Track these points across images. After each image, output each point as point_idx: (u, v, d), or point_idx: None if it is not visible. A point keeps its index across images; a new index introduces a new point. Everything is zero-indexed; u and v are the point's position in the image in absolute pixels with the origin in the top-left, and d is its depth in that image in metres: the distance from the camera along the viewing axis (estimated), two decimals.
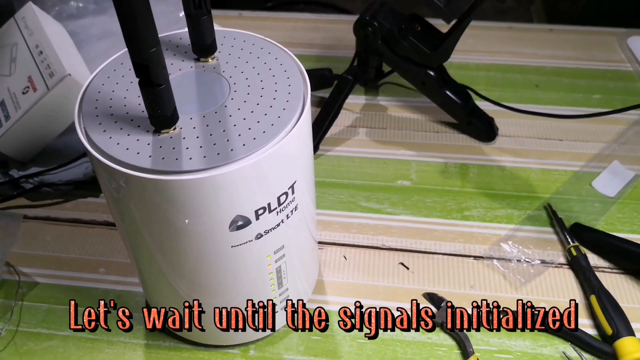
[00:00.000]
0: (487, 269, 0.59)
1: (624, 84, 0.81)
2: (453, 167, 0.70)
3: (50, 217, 0.65)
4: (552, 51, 0.86)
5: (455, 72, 0.75)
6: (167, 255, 0.44)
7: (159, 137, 0.39)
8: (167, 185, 0.37)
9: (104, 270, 0.60)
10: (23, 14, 0.71)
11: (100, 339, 0.54)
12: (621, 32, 0.88)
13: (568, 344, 0.53)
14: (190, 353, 0.53)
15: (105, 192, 0.43)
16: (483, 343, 0.54)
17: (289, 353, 0.53)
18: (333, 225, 0.64)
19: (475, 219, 0.64)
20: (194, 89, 0.43)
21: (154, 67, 0.35)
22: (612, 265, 0.59)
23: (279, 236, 0.44)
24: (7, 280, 0.59)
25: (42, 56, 0.65)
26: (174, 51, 0.46)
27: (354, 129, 0.75)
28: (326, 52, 0.87)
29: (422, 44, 0.67)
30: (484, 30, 0.90)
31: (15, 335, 0.55)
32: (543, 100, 0.78)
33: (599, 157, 0.70)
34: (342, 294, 0.58)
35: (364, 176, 0.69)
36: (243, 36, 0.47)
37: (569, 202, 0.65)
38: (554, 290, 0.57)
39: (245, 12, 0.96)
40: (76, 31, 0.77)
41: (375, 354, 0.53)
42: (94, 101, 0.42)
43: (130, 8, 0.33)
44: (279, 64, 0.44)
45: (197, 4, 0.42)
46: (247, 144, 0.38)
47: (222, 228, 0.41)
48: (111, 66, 0.44)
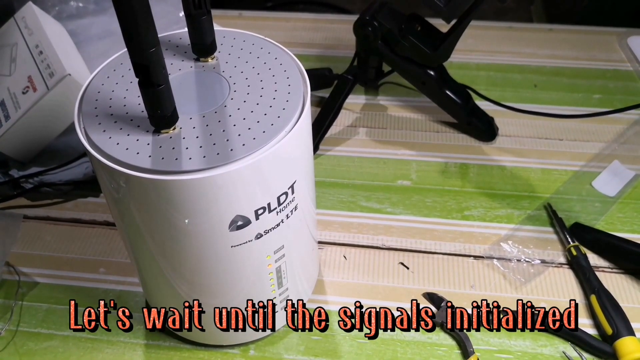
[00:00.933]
0: (487, 268, 0.59)
1: (623, 84, 0.81)
2: (453, 167, 0.70)
3: (50, 217, 0.65)
4: (552, 51, 0.86)
5: (455, 72, 0.75)
6: (167, 255, 0.44)
7: (158, 137, 0.39)
8: (166, 185, 0.37)
9: (104, 270, 0.60)
10: (23, 14, 0.71)
11: (100, 339, 0.54)
12: (621, 32, 0.88)
13: (568, 343, 0.53)
14: (190, 353, 0.53)
15: (105, 192, 0.43)
16: (483, 343, 0.54)
17: (289, 353, 0.53)
18: (333, 225, 0.64)
19: (475, 218, 0.64)
20: (193, 89, 0.43)
21: (153, 67, 0.35)
22: (612, 265, 0.59)
23: (279, 236, 0.44)
24: (7, 280, 0.59)
25: (42, 56, 0.65)
26: (174, 51, 0.46)
27: (354, 129, 0.75)
28: (326, 52, 0.87)
29: (422, 43, 0.67)
30: (484, 30, 0.90)
31: (15, 335, 0.55)
32: (543, 100, 0.78)
33: (599, 157, 0.70)
34: (342, 294, 0.58)
35: (364, 176, 0.69)
36: (243, 36, 0.47)
37: (569, 201, 0.65)
38: (554, 290, 0.57)
39: (245, 12, 0.96)
40: (76, 31, 0.77)
41: (375, 354, 0.53)
42: (93, 101, 0.42)
43: (130, 8, 0.33)
44: (278, 64, 0.44)
45: (197, 4, 0.42)
46: (246, 144, 0.38)
47: (222, 228, 0.41)
48: (111, 66, 0.44)
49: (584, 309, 0.56)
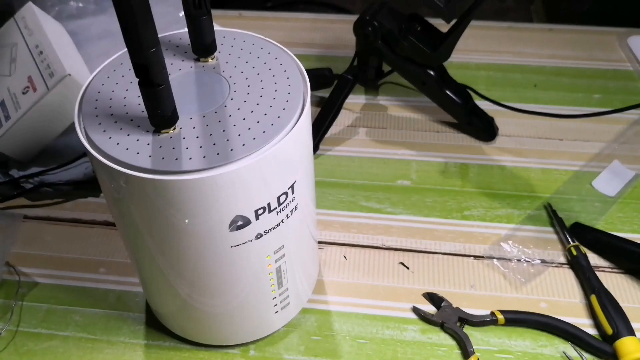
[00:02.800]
0: (487, 268, 0.59)
1: (624, 84, 0.81)
2: (453, 166, 0.70)
3: (50, 217, 0.65)
4: (552, 51, 0.86)
5: (456, 71, 0.75)
6: (167, 255, 0.44)
7: (158, 137, 0.39)
8: (166, 185, 0.37)
9: (104, 270, 0.60)
10: (23, 14, 0.71)
11: (100, 339, 0.54)
12: (621, 32, 0.88)
13: (568, 344, 0.53)
14: (190, 353, 0.53)
15: (105, 192, 0.43)
16: (483, 343, 0.53)
17: (289, 353, 0.53)
18: (333, 225, 0.64)
19: (475, 218, 0.64)
20: (193, 89, 0.43)
21: (153, 67, 0.35)
22: (612, 265, 0.59)
23: (279, 236, 0.44)
24: (7, 280, 0.59)
25: (42, 56, 0.65)
26: (174, 51, 0.46)
27: (354, 129, 0.75)
28: (326, 52, 0.87)
29: (422, 43, 0.67)
30: (484, 30, 0.90)
31: (15, 335, 0.55)
32: (543, 99, 0.78)
33: (599, 156, 0.70)
34: (342, 294, 0.58)
35: (364, 176, 0.69)
36: (243, 36, 0.47)
37: (569, 201, 0.65)
38: (554, 290, 0.57)
39: (245, 12, 0.96)
40: (76, 31, 0.77)
41: (375, 354, 0.53)
42: (93, 101, 0.42)
43: (130, 8, 0.33)
44: (278, 64, 0.44)
45: (197, 4, 0.42)
46: (246, 144, 0.38)
47: (221, 228, 0.41)
48: (111, 66, 0.44)
49: (584, 309, 0.56)
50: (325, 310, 0.56)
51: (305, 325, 0.55)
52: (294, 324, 0.55)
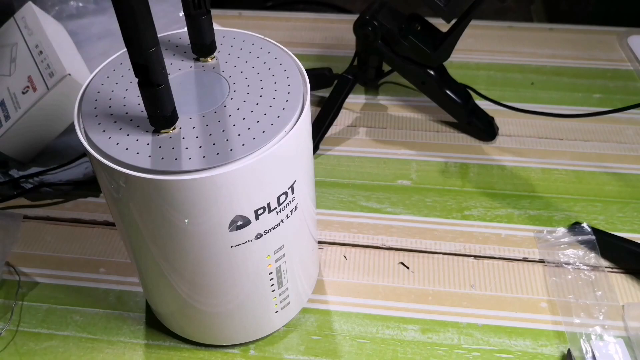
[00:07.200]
0: (487, 268, 0.59)
1: (624, 83, 0.81)
2: (453, 166, 0.70)
3: (50, 217, 0.65)
4: (552, 50, 0.86)
5: (456, 71, 0.75)
6: (166, 255, 0.44)
7: (158, 137, 0.39)
8: (166, 185, 0.37)
9: (104, 270, 0.60)
10: (23, 14, 0.71)
11: (100, 339, 0.54)
12: (621, 31, 0.88)
13: (568, 344, 0.53)
14: (190, 353, 0.53)
15: (105, 192, 0.43)
16: (483, 343, 0.53)
17: (289, 353, 0.53)
18: (333, 225, 0.64)
19: (475, 218, 0.64)
20: (193, 89, 0.43)
21: (153, 67, 0.35)
22: (612, 265, 0.59)
23: (279, 236, 0.44)
24: (7, 280, 0.59)
25: (42, 56, 0.65)
26: (174, 51, 0.46)
27: (354, 129, 0.75)
28: (326, 52, 0.87)
29: (422, 43, 0.67)
30: (484, 30, 0.90)
31: (15, 335, 0.55)
32: (543, 99, 0.78)
33: (599, 156, 0.70)
34: (342, 293, 0.58)
35: (364, 176, 0.69)
36: (243, 36, 0.47)
37: (569, 201, 0.65)
38: (554, 289, 0.57)
39: (245, 12, 0.96)
40: (76, 31, 0.77)
41: (375, 354, 0.53)
42: (93, 101, 0.42)
43: (130, 8, 0.33)
44: (278, 64, 0.44)
45: (197, 4, 0.42)
46: (246, 144, 0.38)
47: (221, 228, 0.41)
48: (111, 66, 0.44)
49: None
50: (325, 310, 0.56)
51: (305, 325, 0.55)
52: (294, 323, 0.55)
